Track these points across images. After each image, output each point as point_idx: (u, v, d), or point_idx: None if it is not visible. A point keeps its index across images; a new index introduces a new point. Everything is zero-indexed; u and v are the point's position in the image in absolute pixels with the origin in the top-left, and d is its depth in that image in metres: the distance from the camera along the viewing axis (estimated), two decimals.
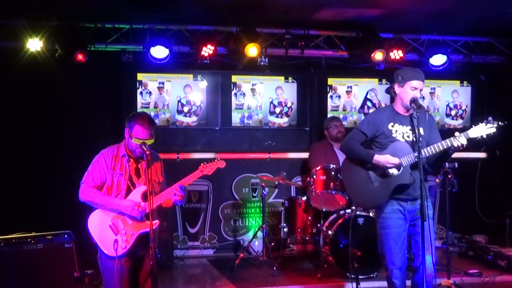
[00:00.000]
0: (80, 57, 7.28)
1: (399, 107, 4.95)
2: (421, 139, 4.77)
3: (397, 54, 8.03)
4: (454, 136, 4.61)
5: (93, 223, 4.61)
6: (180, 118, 8.34)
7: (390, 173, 4.83)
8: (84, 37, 7.41)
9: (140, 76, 8.18)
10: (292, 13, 7.41)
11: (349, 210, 6.93)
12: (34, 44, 7.12)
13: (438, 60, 8.21)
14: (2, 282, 4.80)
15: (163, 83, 8.25)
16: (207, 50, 7.65)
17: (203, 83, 8.43)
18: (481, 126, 4.62)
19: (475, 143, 4.71)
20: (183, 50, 7.90)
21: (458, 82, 9.16)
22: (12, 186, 7.47)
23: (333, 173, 6.96)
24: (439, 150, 4.68)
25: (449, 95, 9.13)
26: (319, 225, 7.14)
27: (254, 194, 8.61)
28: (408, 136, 4.87)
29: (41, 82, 7.52)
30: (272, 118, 8.63)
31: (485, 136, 4.60)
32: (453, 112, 9.13)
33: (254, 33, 7.68)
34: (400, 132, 4.89)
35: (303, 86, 8.72)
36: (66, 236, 5.13)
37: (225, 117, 8.49)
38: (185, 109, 8.35)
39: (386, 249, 4.86)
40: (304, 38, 8.14)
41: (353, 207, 6.93)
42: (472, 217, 8.59)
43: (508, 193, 8.41)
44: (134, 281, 4.66)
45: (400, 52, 8.05)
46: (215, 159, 4.83)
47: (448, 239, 6.73)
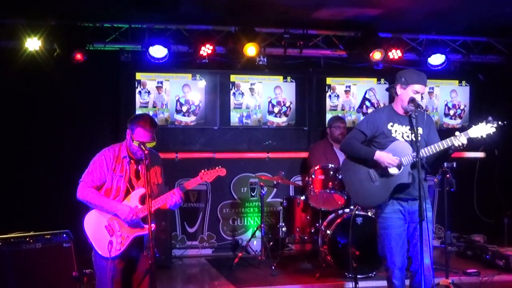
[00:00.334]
0: (78, 56, 7.27)
1: (399, 108, 4.95)
2: (420, 139, 4.78)
3: (395, 54, 8.03)
4: (455, 135, 4.61)
5: (89, 223, 4.60)
6: (178, 117, 8.34)
7: (390, 172, 4.82)
8: (82, 36, 7.41)
9: (138, 76, 8.18)
10: (291, 13, 7.41)
11: (347, 210, 6.94)
12: (33, 44, 7.12)
13: (436, 59, 8.22)
14: (0, 282, 4.80)
15: (161, 82, 8.25)
16: (206, 49, 7.65)
17: (201, 83, 8.43)
18: (481, 126, 4.62)
19: (474, 143, 4.72)
20: (181, 49, 7.89)
21: (457, 81, 9.17)
22: (11, 185, 7.46)
23: (331, 172, 6.96)
24: (439, 150, 4.68)
25: (447, 95, 9.14)
26: (317, 224, 7.15)
27: (253, 194, 8.61)
28: (407, 136, 4.87)
29: (40, 82, 7.52)
30: (271, 118, 8.63)
31: (485, 136, 4.61)
32: (452, 112, 9.14)
33: (252, 32, 7.68)
34: (399, 132, 4.89)
35: (301, 86, 8.72)
36: (64, 235, 5.12)
37: (224, 116, 8.49)
38: (184, 108, 8.35)
39: (386, 249, 4.85)
40: (302, 37, 8.14)
41: (351, 206, 6.94)
42: (471, 217, 8.59)
43: (506, 192, 8.41)
44: (126, 282, 4.63)
45: (398, 51, 8.05)
46: (216, 167, 4.81)
47: (447, 238, 6.72)
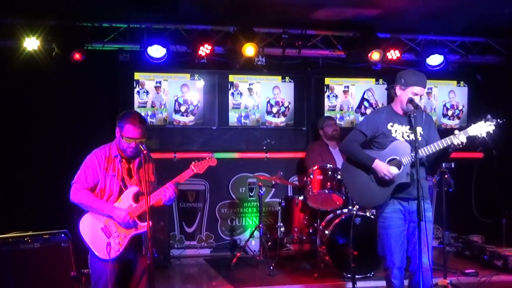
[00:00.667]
0: (77, 56, 7.27)
1: (398, 108, 4.96)
2: (420, 139, 4.78)
3: (394, 54, 8.04)
4: (454, 134, 4.62)
5: (84, 226, 4.53)
6: (177, 117, 8.34)
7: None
8: (81, 36, 7.41)
9: (137, 76, 8.18)
10: (289, 13, 7.41)
11: (345, 210, 6.94)
12: (31, 43, 7.11)
13: (435, 60, 8.24)
14: None
15: (160, 82, 8.25)
16: (204, 49, 7.66)
17: (200, 83, 8.43)
18: (480, 124, 4.64)
19: (473, 142, 4.72)
20: (180, 49, 7.90)
21: (455, 82, 9.18)
22: (9, 185, 7.46)
23: (330, 172, 6.97)
24: (438, 149, 4.69)
25: (445, 95, 9.15)
26: (316, 224, 7.15)
27: (251, 194, 8.62)
28: (408, 136, 4.87)
29: (38, 81, 7.52)
30: (269, 118, 8.64)
31: (484, 134, 4.61)
32: (450, 112, 9.15)
33: (251, 32, 7.68)
34: (400, 132, 4.89)
35: (300, 86, 8.73)
36: (63, 235, 5.13)
37: (222, 116, 8.49)
38: (182, 108, 8.35)
39: (386, 249, 4.85)
40: (301, 37, 8.14)
41: (350, 206, 6.94)
42: (469, 217, 8.54)
43: (504, 193, 8.38)
44: (124, 283, 4.60)
45: (397, 52, 8.06)
46: (206, 157, 4.77)
47: (445, 238, 6.74)
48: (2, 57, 7.31)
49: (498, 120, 4.61)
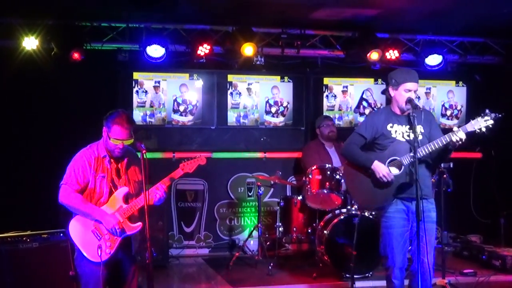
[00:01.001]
0: (76, 55, 7.26)
1: (396, 109, 4.95)
2: (422, 137, 4.78)
3: (393, 54, 8.04)
4: (452, 131, 4.61)
5: (74, 229, 4.44)
6: (176, 117, 8.34)
7: (391, 172, 4.81)
8: (80, 35, 7.40)
9: (136, 75, 8.18)
10: (288, 13, 7.42)
11: (344, 210, 6.94)
12: (30, 43, 7.11)
13: (433, 60, 8.23)
14: None
15: (159, 82, 8.25)
16: (203, 49, 7.65)
17: (199, 82, 8.43)
18: (479, 120, 4.60)
19: (474, 139, 4.69)
20: (179, 49, 7.89)
21: (454, 82, 9.18)
22: (8, 184, 7.45)
23: (328, 172, 6.96)
24: (438, 147, 4.67)
25: (444, 95, 9.15)
26: (314, 224, 7.15)
27: (250, 194, 8.62)
28: (408, 136, 4.84)
29: (37, 81, 7.51)
30: (268, 118, 8.64)
31: (484, 129, 4.57)
32: (449, 112, 9.15)
33: (250, 32, 7.68)
34: (400, 132, 4.88)
35: (299, 86, 8.73)
36: (61, 235, 5.14)
37: (221, 116, 8.49)
38: (181, 108, 8.35)
39: (388, 248, 4.84)
40: (300, 37, 8.14)
41: (348, 206, 6.94)
42: (467, 217, 8.61)
43: (503, 193, 8.43)
44: (113, 284, 4.54)
45: (396, 52, 8.06)
46: (195, 156, 4.75)
47: (443, 238, 6.73)
48: (1, 57, 7.30)
49: (497, 114, 4.59)
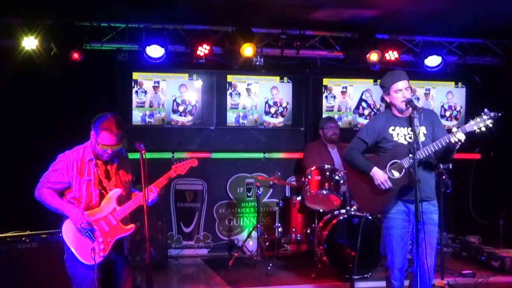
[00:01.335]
0: (75, 55, 7.26)
1: (396, 111, 4.94)
2: (424, 139, 4.77)
3: (392, 55, 8.05)
4: (452, 132, 4.60)
5: (67, 231, 4.40)
6: (175, 117, 8.34)
7: (393, 175, 4.80)
8: (79, 35, 7.40)
9: (135, 75, 8.18)
10: (288, 14, 7.42)
11: (343, 211, 6.94)
12: (30, 43, 7.10)
13: (433, 61, 8.23)
14: None
15: (158, 82, 8.25)
16: (203, 49, 7.65)
17: (198, 83, 8.43)
18: (478, 119, 4.56)
19: (474, 139, 4.68)
20: (178, 49, 7.89)
21: (453, 83, 9.19)
22: (7, 184, 7.44)
23: (328, 173, 6.96)
24: (437, 148, 4.65)
25: (443, 96, 9.16)
26: (313, 225, 7.16)
27: (249, 194, 8.62)
28: (410, 137, 4.81)
29: (36, 81, 7.51)
30: (267, 118, 8.64)
31: (483, 128, 4.53)
32: (448, 113, 9.16)
33: (249, 33, 7.68)
34: (401, 134, 4.86)
35: (298, 86, 8.73)
36: (60, 235, 5.12)
37: (220, 116, 8.49)
38: (180, 108, 8.35)
39: (388, 249, 4.83)
40: (299, 38, 8.14)
41: (347, 207, 6.95)
42: (466, 218, 8.62)
43: (501, 194, 8.44)
44: (106, 285, 4.49)
45: (395, 53, 8.06)
46: (187, 158, 4.73)
47: (442, 239, 6.73)
48: (0, 57, 7.29)
49: (496, 113, 4.57)
